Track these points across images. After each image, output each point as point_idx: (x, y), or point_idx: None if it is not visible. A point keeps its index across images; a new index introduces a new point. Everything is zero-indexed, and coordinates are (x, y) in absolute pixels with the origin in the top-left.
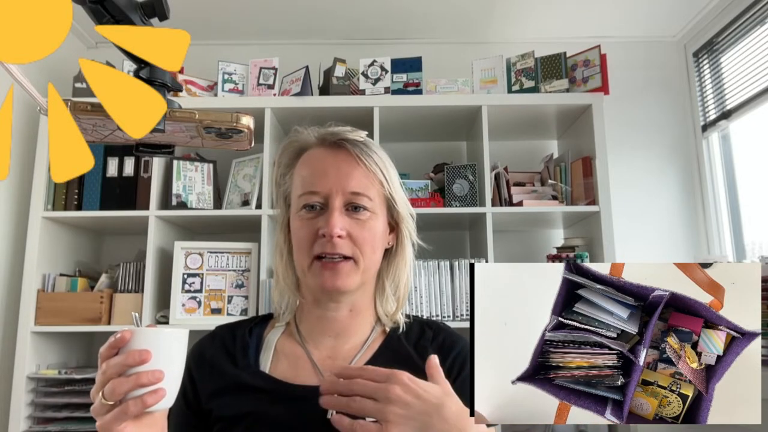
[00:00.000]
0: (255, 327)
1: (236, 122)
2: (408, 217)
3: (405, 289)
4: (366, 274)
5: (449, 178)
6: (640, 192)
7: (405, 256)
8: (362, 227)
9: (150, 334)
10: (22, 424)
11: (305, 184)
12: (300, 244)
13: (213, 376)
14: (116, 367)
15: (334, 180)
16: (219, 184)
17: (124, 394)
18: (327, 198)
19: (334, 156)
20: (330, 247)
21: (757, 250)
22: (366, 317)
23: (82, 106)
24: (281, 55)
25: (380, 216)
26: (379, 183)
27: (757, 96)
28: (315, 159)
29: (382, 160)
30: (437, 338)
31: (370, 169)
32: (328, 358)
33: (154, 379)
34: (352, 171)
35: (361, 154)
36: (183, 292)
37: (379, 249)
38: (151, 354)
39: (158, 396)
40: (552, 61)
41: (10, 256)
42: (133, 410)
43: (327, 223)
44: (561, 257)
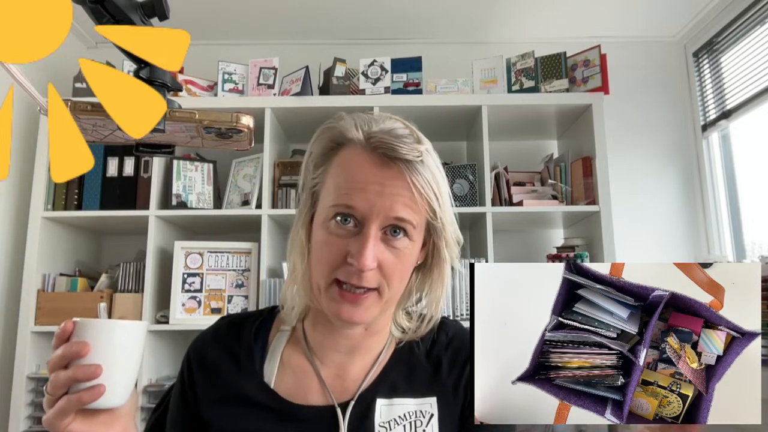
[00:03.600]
0: (261, 328)
1: (236, 122)
2: (453, 244)
3: (437, 314)
4: (388, 303)
5: (449, 178)
6: (640, 192)
7: (443, 277)
8: (396, 257)
9: (90, 325)
10: (22, 424)
11: (341, 194)
12: (320, 263)
13: (216, 383)
14: (57, 359)
15: (378, 199)
16: (219, 184)
17: (63, 388)
18: (364, 219)
19: (380, 169)
20: (356, 279)
21: (757, 250)
22: (382, 334)
23: (82, 106)
24: (281, 55)
25: (417, 241)
26: (428, 208)
27: (757, 96)
28: (356, 165)
29: (436, 179)
30: (452, 344)
31: (423, 193)
32: (338, 377)
33: (89, 374)
34: (399, 193)
35: (413, 175)
36: (183, 292)
37: (407, 276)
38: (89, 346)
39: (95, 393)
40: (552, 61)
41: (10, 256)
42: (69, 406)
43: (359, 253)
44: (561, 257)
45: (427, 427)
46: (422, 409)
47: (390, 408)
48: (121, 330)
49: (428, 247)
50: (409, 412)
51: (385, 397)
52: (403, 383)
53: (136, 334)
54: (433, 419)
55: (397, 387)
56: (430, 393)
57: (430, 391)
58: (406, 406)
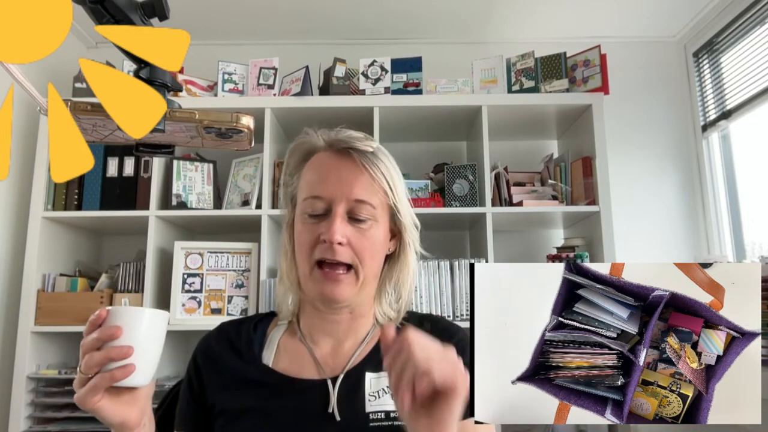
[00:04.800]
0: (259, 323)
1: (236, 122)
2: (412, 227)
3: (407, 296)
4: (365, 282)
5: (449, 178)
6: (640, 192)
7: (408, 262)
8: (363, 235)
9: (122, 312)
10: (22, 424)
11: (310, 188)
12: (301, 248)
13: (219, 370)
14: (91, 342)
15: (338, 187)
16: (219, 184)
17: (97, 367)
18: (330, 204)
19: (339, 162)
20: (330, 253)
21: (757, 250)
22: (366, 318)
23: (82, 106)
24: (281, 55)
25: (382, 224)
26: (383, 192)
27: (757, 96)
28: (321, 164)
29: (388, 169)
30: (435, 330)
31: (375, 177)
32: (329, 355)
33: (122, 354)
34: (357, 178)
35: (366, 162)
36: (183, 292)
37: (378, 256)
38: (122, 330)
39: (127, 371)
40: (552, 61)
41: (10, 256)
42: (102, 383)
43: (328, 230)
44: (561, 257)
45: None
46: None
47: (378, 380)
48: (149, 317)
49: (397, 238)
50: None
51: (374, 371)
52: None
53: (161, 321)
54: None
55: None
56: None
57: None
58: None
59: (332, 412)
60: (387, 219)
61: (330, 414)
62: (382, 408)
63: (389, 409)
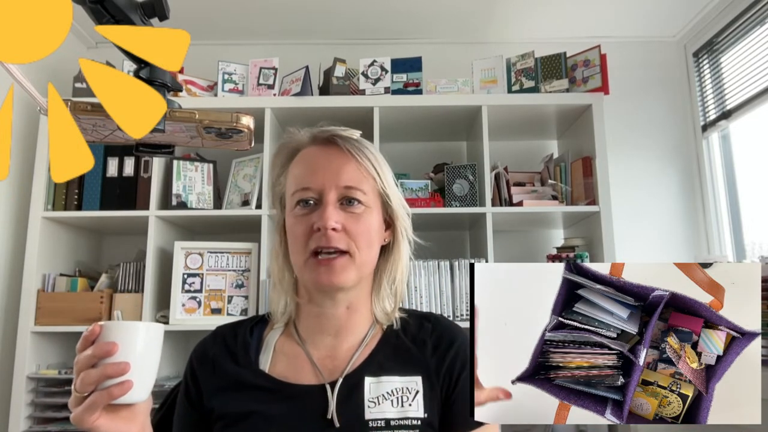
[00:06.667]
0: (255, 327)
1: (236, 122)
2: (402, 214)
3: (402, 286)
4: (362, 269)
5: (449, 178)
6: (640, 192)
7: (401, 252)
8: (357, 220)
9: (117, 328)
10: (22, 424)
11: (298, 181)
12: (295, 241)
13: (215, 374)
14: (86, 359)
15: (327, 175)
16: (219, 184)
17: (93, 385)
18: (320, 193)
19: (326, 152)
20: (325, 240)
21: (757, 250)
22: (364, 314)
23: (82, 106)
24: (281, 55)
25: (375, 211)
26: (372, 178)
27: (757, 96)
28: (308, 157)
29: (374, 156)
30: (436, 330)
31: (362, 163)
32: (327, 357)
33: (119, 371)
34: (345, 165)
35: (352, 149)
36: (183, 292)
37: (375, 244)
38: (118, 346)
39: (124, 388)
40: (552, 61)
41: (10, 256)
42: (99, 401)
43: (321, 217)
44: (561, 257)
45: (413, 402)
46: (408, 386)
47: (378, 385)
48: (144, 330)
49: (391, 229)
50: (396, 389)
51: (373, 376)
52: (389, 363)
53: (156, 335)
54: (419, 395)
55: (383, 366)
56: (415, 372)
57: (415, 370)
58: (393, 383)
59: (331, 418)
60: (379, 207)
61: (329, 420)
62: (383, 416)
63: (389, 417)
